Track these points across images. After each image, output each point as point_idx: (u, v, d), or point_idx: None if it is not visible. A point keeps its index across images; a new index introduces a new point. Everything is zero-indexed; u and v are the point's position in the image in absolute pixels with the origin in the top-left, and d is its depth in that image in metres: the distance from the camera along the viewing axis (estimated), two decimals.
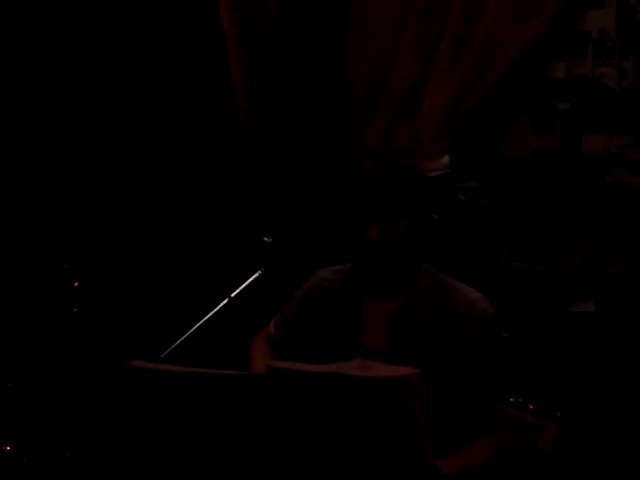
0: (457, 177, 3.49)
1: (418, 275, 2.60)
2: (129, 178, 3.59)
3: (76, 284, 2.98)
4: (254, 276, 2.41)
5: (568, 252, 3.53)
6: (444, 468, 2.24)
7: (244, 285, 2.40)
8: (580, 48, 3.56)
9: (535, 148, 3.63)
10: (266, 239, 2.44)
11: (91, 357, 2.91)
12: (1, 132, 3.55)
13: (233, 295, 2.37)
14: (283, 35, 3.53)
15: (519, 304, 3.30)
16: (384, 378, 1.90)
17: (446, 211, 3.22)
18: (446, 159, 3.50)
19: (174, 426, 1.99)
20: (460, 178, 3.50)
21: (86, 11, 3.59)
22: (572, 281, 3.45)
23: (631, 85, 3.49)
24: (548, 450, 2.13)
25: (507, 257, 3.53)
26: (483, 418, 2.47)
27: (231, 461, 1.99)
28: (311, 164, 3.52)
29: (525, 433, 2.16)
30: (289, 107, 3.56)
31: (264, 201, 3.47)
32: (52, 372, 2.82)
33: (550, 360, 3.21)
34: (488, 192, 3.55)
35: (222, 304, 2.37)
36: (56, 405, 2.44)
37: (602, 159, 3.53)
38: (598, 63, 3.54)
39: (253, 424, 1.97)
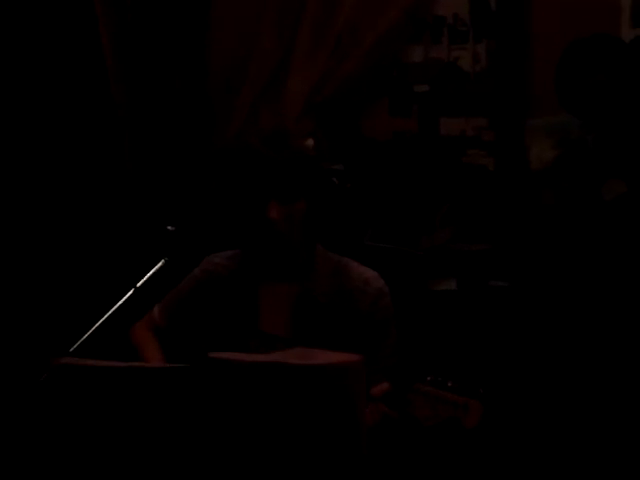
0: (322, 160, 3.50)
1: (314, 258, 2.61)
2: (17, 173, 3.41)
3: None
4: (158, 265, 2.33)
5: (429, 232, 3.61)
6: None
7: (148, 275, 2.32)
8: (436, 32, 3.64)
9: (394, 130, 3.68)
10: (169, 227, 2.37)
11: None
12: None
13: (138, 285, 2.28)
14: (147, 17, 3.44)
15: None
16: (330, 365, 1.89)
17: (320, 194, 3.23)
18: (310, 142, 3.50)
19: (109, 423, 1.90)
20: (325, 161, 3.52)
21: None
22: (434, 260, 3.54)
23: (485, 69, 3.60)
24: (473, 427, 2.16)
25: (372, 238, 3.58)
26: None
27: (170, 455, 1.92)
28: (180, 150, 3.45)
29: (448, 411, 2.18)
30: (158, 94, 3.47)
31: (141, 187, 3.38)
32: None
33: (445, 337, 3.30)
34: (351, 174, 3.59)
35: (128, 295, 2.28)
36: None
37: (459, 141, 3.63)
38: (453, 47, 3.63)
39: (192, 417, 1.91)
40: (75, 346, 2.19)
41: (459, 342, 3.35)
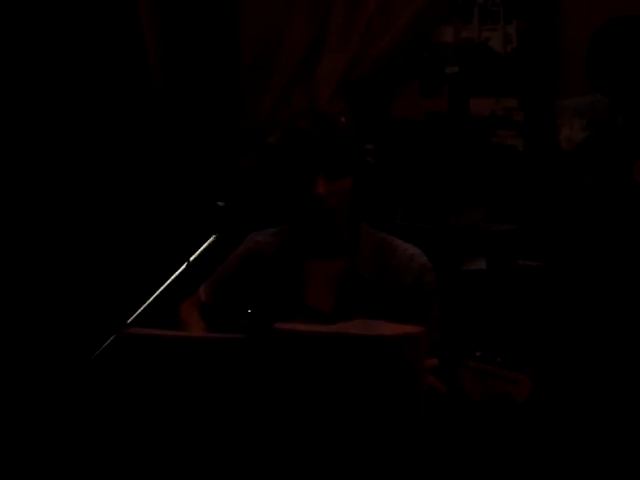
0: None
1: (359, 234, 2.62)
2: (69, 148, 3.41)
3: None
4: (209, 241, 2.34)
5: (458, 212, 3.63)
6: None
7: (200, 250, 2.33)
8: (466, 13, 3.65)
9: (425, 110, 3.70)
10: (219, 203, 2.38)
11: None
12: None
13: (191, 259, 2.30)
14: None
15: None
16: (394, 336, 1.90)
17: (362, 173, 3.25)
18: (341, 122, 3.51)
19: (177, 392, 1.92)
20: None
21: None
22: (464, 239, 3.56)
23: (515, 49, 3.62)
24: (524, 401, 2.19)
25: (402, 218, 3.60)
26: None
27: (236, 424, 1.94)
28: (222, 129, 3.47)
29: (498, 386, 2.21)
30: (195, 77, 3.49)
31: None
32: None
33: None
34: (382, 154, 3.60)
35: (181, 269, 2.30)
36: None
37: (488, 121, 3.65)
38: (484, 28, 3.65)
39: (258, 387, 1.93)
40: (132, 318, 2.22)
41: (490, 321, 3.38)
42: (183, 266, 2.30)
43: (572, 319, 3.34)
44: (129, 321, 2.21)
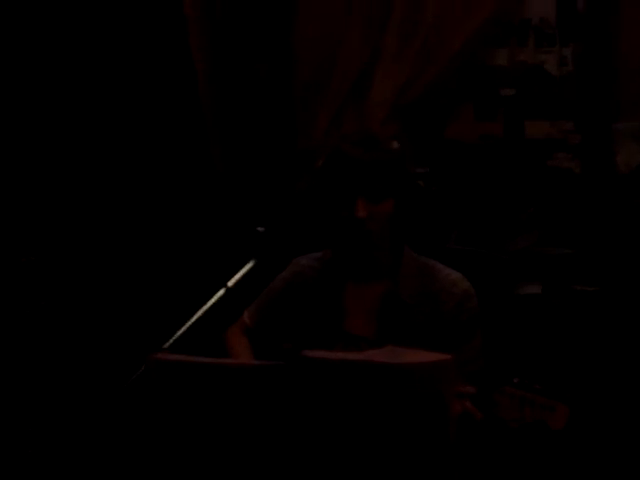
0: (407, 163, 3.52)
1: (401, 259, 2.61)
2: (110, 167, 3.48)
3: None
4: (248, 266, 2.36)
5: (514, 235, 3.61)
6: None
7: (239, 275, 2.35)
8: (521, 35, 3.63)
9: (480, 133, 3.69)
10: (259, 229, 2.40)
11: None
12: None
13: (230, 285, 2.32)
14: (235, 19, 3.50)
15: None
16: (420, 364, 1.90)
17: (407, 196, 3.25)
18: (395, 146, 3.51)
19: (202, 419, 1.94)
20: (410, 164, 3.53)
21: None
22: (519, 264, 3.53)
23: (571, 72, 3.59)
24: (560, 430, 2.17)
25: (456, 241, 3.59)
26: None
27: (262, 452, 1.95)
28: (267, 152, 3.50)
29: (535, 413, 2.19)
30: (245, 96, 3.53)
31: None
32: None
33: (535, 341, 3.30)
34: (436, 177, 3.60)
35: (219, 294, 2.31)
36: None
37: (544, 144, 3.62)
38: (539, 50, 3.63)
39: (284, 415, 1.94)
40: (169, 343, 2.24)
41: (544, 346, 3.34)
42: (221, 291, 2.32)
43: (630, 345, 3.29)
44: (165, 346, 2.24)
